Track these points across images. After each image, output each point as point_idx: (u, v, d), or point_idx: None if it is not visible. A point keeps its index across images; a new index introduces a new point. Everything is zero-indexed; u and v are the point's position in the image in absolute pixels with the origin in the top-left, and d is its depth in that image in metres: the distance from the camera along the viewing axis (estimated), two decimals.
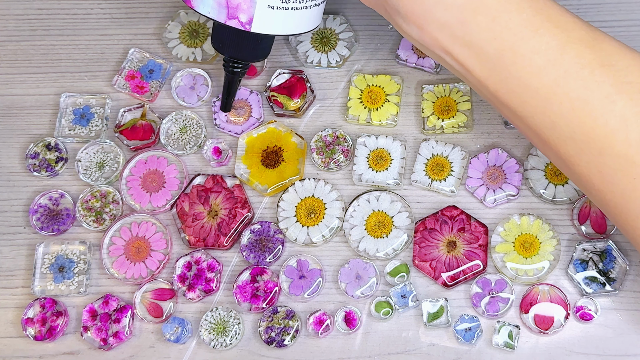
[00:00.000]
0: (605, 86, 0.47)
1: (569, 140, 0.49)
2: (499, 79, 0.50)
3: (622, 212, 0.49)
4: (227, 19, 0.55)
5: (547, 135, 0.50)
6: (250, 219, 0.64)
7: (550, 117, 0.49)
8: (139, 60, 0.69)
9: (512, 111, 0.51)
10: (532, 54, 0.48)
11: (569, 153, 0.49)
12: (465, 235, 0.61)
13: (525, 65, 0.49)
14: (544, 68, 0.48)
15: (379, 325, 0.61)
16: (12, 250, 0.65)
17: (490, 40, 0.49)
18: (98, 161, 0.66)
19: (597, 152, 0.48)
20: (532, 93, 0.49)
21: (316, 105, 0.67)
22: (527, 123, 0.51)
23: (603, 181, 0.48)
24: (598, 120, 0.47)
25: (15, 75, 0.70)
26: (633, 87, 0.47)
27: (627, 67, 0.47)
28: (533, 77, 0.49)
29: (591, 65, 0.47)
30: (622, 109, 0.46)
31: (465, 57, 0.51)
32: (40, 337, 0.61)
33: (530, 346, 0.59)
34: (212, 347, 0.60)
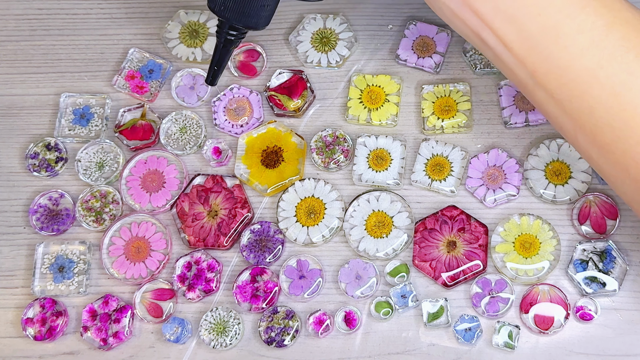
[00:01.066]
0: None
1: (607, 128, 0.47)
2: (539, 58, 0.48)
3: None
4: None
5: (583, 121, 0.48)
6: (250, 219, 0.64)
7: (589, 101, 0.47)
8: (139, 60, 0.69)
9: (548, 94, 0.49)
10: (576, 33, 0.46)
11: (605, 141, 0.47)
12: (465, 235, 0.61)
13: (568, 44, 0.46)
14: (587, 49, 0.46)
15: (379, 325, 0.61)
16: (12, 250, 0.65)
17: (534, 16, 0.47)
18: (98, 161, 0.66)
19: (635, 141, 0.46)
20: (572, 75, 0.47)
21: (316, 105, 0.67)
22: (563, 107, 0.49)
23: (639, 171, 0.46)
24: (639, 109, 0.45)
25: (15, 75, 0.70)
26: None
27: None
28: (575, 58, 0.46)
29: (636, 49, 0.46)
30: None
31: (506, 32, 0.48)
32: (40, 337, 0.61)
33: (530, 346, 0.59)
34: (212, 347, 0.60)
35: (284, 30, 0.70)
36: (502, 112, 0.65)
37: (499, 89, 0.65)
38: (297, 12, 0.70)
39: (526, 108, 0.64)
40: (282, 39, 0.70)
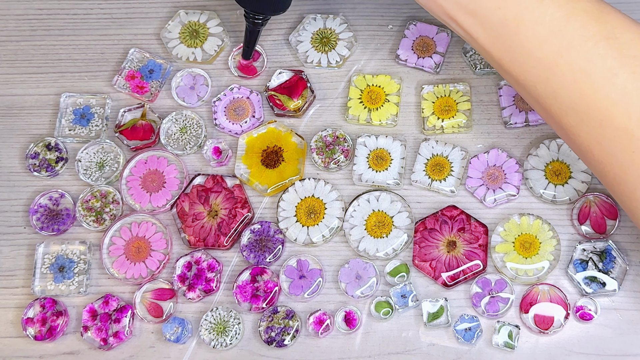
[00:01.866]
0: (608, 59, 0.47)
1: (570, 111, 0.49)
2: (503, 47, 0.50)
3: (620, 183, 0.49)
4: None
5: (549, 104, 0.50)
6: (250, 219, 0.64)
7: (553, 87, 0.49)
8: (139, 60, 0.69)
9: (515, 79, 0.51)
10: (535, 24, 0.48)
11: (569, 123, 0.50)
12: (465, 235, 0.61)
13: (529, 35, 0.49)
14: (547, 39, 0.48)
15: (379, 325, 0.61)
16: (12, 250, 0.65)
17: (494, 9, 0.50)
18: (98, 161, 0.66)
19: (597, 124, 0.48)
20: (534, 63, 0.49)
21: (316, 105, 0.67)
22: (529, 92, 0.51)
23: (602, 153, 0.49)
24: (599, 93, 0.47)
25: (15, 75, 0.70)
26: (636, 60, 0.47)
27: (631, 41, 0.47)
28: (536, 47, 0.49)
29: (595, 37, 0.47)
30: (624, 82, 0.47)
31: (470, 24, 0.51)
32: (41, 337, 0.61)
33: (530, 346, 0.59)
34: (212, 347, 0.60)
35: (284, 30, 0.70)
36: (502, 112, 0.65)
37: (499, 89, 0.65)
38: (297, 12, 0.70)
39: (526, 108, 0.64)
40: (282, 39, 0.70)
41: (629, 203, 0.49)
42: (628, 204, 0.50)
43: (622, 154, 0.47)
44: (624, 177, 0.48)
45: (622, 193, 0.50)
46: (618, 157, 0.48)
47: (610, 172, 0.49)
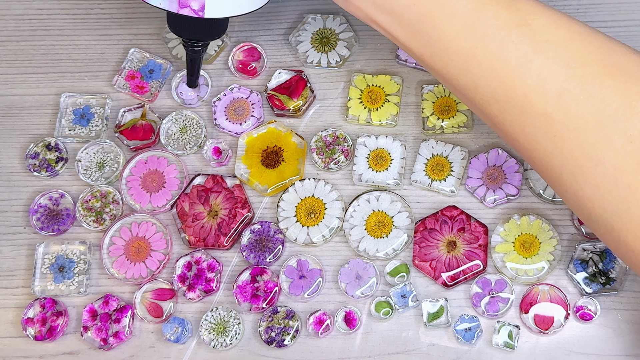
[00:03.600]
0: (522, 46, 0.48)
1: (492, 100, 0.49)
2: (422, 43, 0.51)
3: (547, 168, 0.49)
4: (179, 8, 0.55)
5: (472, 96, 0.51)
6: (250, 219, 0.64)
7: (472, 78, 0.50)
8: (139, 60, 0.69)
9: (438, 73, 0.52)
10: (449, 17, 0.49)
11: (493, 113, 0.50)
12: (465, 235, 0.61)
13: (445, 29, 0.49)
14: (462, 31, 0.49)
15: (379, 325, 0.61)
16: (12, 250, 0.65)
17: (409, 7, 0.50)
18: (98, 161, 0.66)
19: (518, 111, 0.48)
20: (453, 56, 0.50)
21: (316, 105, 0.67)
22: (453, 84, 0.52)
23: (527, 139, 0.49)
24: (516, 80, 0.48)
25: (15, 75, 0.70)
26: (549, 45, 0.47)
27: (543, 26, 0.48)
28: (452, 40, 0.49)
29: (507, 25, 0.48)
30: (539, 68, 0.47)
31: (388, 23, 0.52)
32: (41, 337, 0.61)
33: (530, 346, 0.59)
34: (212, 347, 0.60)
35: (284, 30, 0.70)
36: None
37: None
38: (297, 12, 0.70)
39: None
40: (282, 39, 0.70)
41: (558, 187, 0.50)
42: (558, 188, 0.50)
43: (545, 139, 0.48)
44: (549, 161, 0.49)
45: (550, 178, 0.50)
46: (541, 142, 0.48)
47: (537, 158, 0.49)
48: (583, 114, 0.46)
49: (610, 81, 0.46)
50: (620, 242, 0.47)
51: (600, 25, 0.67)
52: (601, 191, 0.46)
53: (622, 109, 0.45)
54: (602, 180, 0.46)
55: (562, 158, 0.47)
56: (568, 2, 0.68)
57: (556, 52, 0.47)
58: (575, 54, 0.47)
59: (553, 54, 0.47)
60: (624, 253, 0.48)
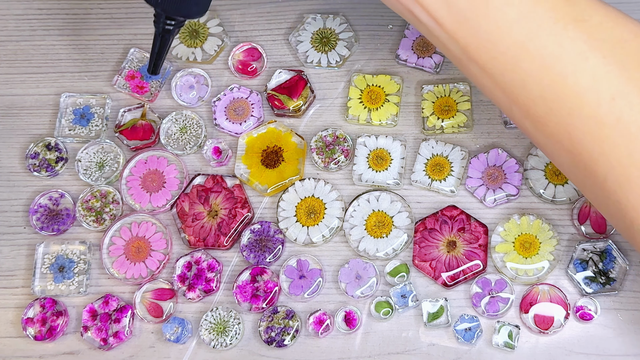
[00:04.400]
0: (579, 42, 0.45)
1: (539, 100, 0.47)
2: (470, 32, 0.48)
3: (590, 174, 0.47)
4: None
5: (516, 94, 0.48)
6: (250, 219, 0.64)
7: (521, 74, 0.47)
8: (139, 60, 0.69)
9: (481, 68, 0.49)
10: (504, 5, 0.46)
11: (538, 113, 0.48)
12: (465, 235, 0.61)
13: (498, 18, 0.47)
14: (516, 21, 0.46)
15: (379, 325, 0.61)
16: (12, 250, 0.65)
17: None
18: (98, 161, 0.66)
19: (567, 112, 0.46)
20: (503, 49, 0.47)
21: (316, 105, 0.67)
22: (495, 81, 0.49)
23: (572, 143, 0.47)
24: (569, 79, 0.45)
25: (15, 75, 0.70)
26: (606, 44, 0.45)
27: (601, 23, 0.46)
28: (505, 31, 0.47)
29: (565, 19, 0.46)
30: (594, 68, 0.45)
31: (436, 8, 0.49)
32: (40, 337, 0.61)
33: (530, 346, 0.59)
34: (212, 347, 0.60)
35: (284, 30, 0.70)
36: (502, 112, 0.65)
37: None
38: (297, 12, 0.70)
39: None
40: (282, 39, 0.70)
41: (600, 193, 0.47)
42: (599, 194, 0.48)
43: (592, 143, 0.46)
44: (593, 167, 0.46)
45: (592, 184, 0.48)
46: (587, 147, 0.46)
47: (581, 162, 0.47)
48: (636, 119, 0.44)
49: None
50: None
51: None
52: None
53: None
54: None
55: (608, 165, 0.45)
56: None
57: (612, 52, 0.45)
58: (632, 55, 0.45)
59: (609, 54, 0.45)
60: None
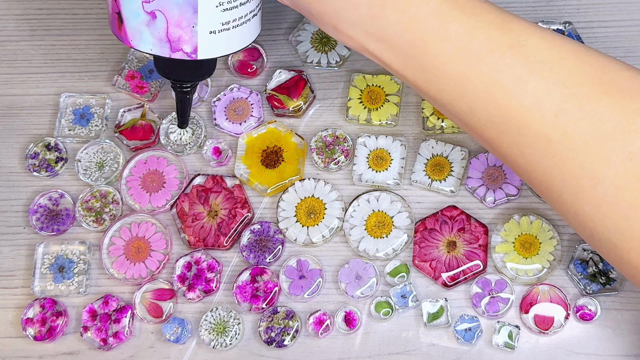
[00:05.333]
0: (517, 67, 0.47)
1: (489, 123, 0.49)
2: (415, 69, 0.51)
3: (547, 188, 0.49)
4: (171, 52, 0.54)
5: (468, 120, 0.50)
6: (250, 219, 0.64)
7: (468, 102, 0.49)
8: (139, 60, 0.69)
9: (433, 99, 0.52)
10: (441, 42, 0.49)
11: (490, 136, 0.50)
12: (465, 235, 0.61)
13: (437, 54, 0.49)
14: (455, 55, 0.48)
15: (379, 326, 0.61)
16: (12, 251, 0.65)
17: (401, 33, 0.50)
18: (98, 161, 0.66)
19: (515, 133, 0.48)
20: (447, 80, 0.49)
21: (316, 105, 0.67)
22: (448, 109, 0.51)
23: (525, 160, 0.49)
24: (512, 102, 0.47)
25: (15, 75, 0.70)
26: (543, 65, 0.47)
27: (536, 47, 0.48)
28: (446, 65, 0.49)
29: (501, 48, 0.48)
30: (535, 89, 0.47)
31: (381, 51, 0.52)
32: (40, 337, 0.61)
33: (530, 346, 0.59)
34: (212, 347, 0.60)
35: (284, 30, 0.70)
36: None
37: None
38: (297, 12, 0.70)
39: None
40: (282, 39, 0.69)
41: (559, 207, 0.49)
42: (559, 208, 0.49)
43: (544, 160, 0.47)
44: (549, 182, 0.48)
45: (550, 198, 0.49)
46: (540, 163, 0.48)
47: (537, 178, 0.49)
48: (581, 133, 0.46)
49: (607, 99, 0.45)
50: (623, 260, 0.47)
51: (600, 25, 0.67)
52: (602, 210, 0.46)
53: (620, 126, 0.45)
54: (603, 199, 0.45)
55: (562, 178, 0.47)
56: (568, 2, 0.68)
57: (551, 72, 0.47)
58: (570, 73, 0.47)
59: (548, 74, 0.47)
60: (627, 271, 0.47)
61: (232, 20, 0.54)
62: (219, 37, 0.54)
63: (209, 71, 0.58)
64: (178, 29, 0.53)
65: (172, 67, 0.57)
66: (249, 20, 0.56)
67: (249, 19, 0.56)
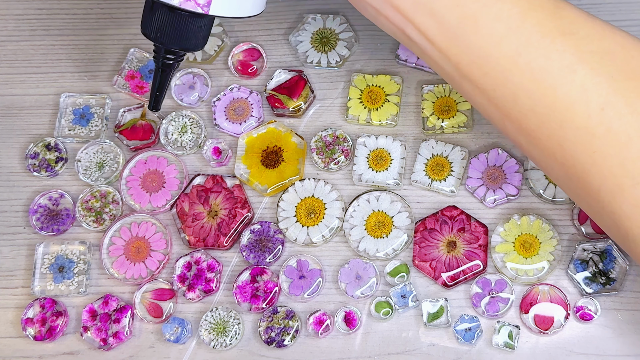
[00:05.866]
0: (567, 55, 0.46)
1: (531, 114, 0.47)
2: (461, 49, 0.49)
3: (584, 185, 0.47)
4: (182, 0, 0.50)
5: (508, 109, 0.49)
6: (250, 219, 0.64)
7: (512, 89, 0.48)
8: (139, 60, 0.69)
9: (473, 84, 0.50)
10: (493, 21, 0.47)
11: (530, 127, 0.48)
12: (465, 236, 0.61)
13: (487, 34, 0.47)
14: (505, 37, 0.47)
15: (379, 326, 0.61)
16: (12, 251, 0.65)
17: (452, 8, 0.48)
18: (98, 161, 0.66)
19: (557, 125, 0.47)
20: (493, 64, 0.48)
21: (316, 105, 0.67)
22: (488, 96, 0.49)
23: (564, 155, 0.47)
24: (559, 91, 0.46)
25: (15, 75, 0.70)
26: (594, 56, 0.46)
27: (588, 36, 0.46)
28: (494, 46, 0.47)
29: (552, 33, 0.46)
30: (583, 79, 0.45)
31: (427, 26, 0.49)
32: (40, 337, 0.61)
33: (530, 346, 0.59)
34: (212, 347, 0.60)
35: (284, 30, 0.70)
36: None
37: None
38: (297, 12, 0.70)
39: None
40: (282, 39, 0.69)
41: (595, 204, 0.48)
42: (594, 205, 0.48)
43: (584, 155, 0.46)
44: (586, 178, 0.47)
45: (585, 195, 0.48)
46: (580, 158, 0.46)
47: (574, 175, 0.48)
48: (626, 129, 0.44)
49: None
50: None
51: None
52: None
53: None
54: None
55: (601, 175, 0.46)
56: None
57: (600, 63, 0.45)
58: (619, 66, 0.45)
59: (597, 65, 0.45)
60: None
61: None
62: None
63: (203, 41, 0.54)
64: None
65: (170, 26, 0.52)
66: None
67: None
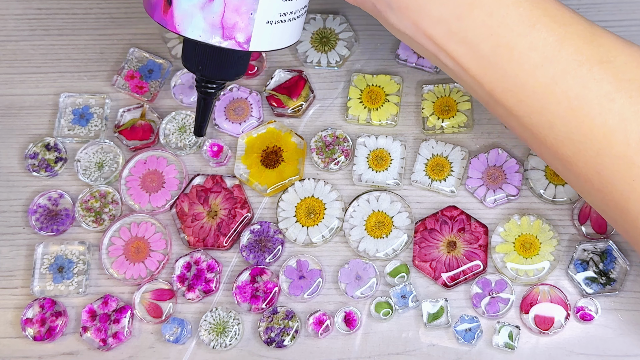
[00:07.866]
0: (604, 84, 0.46)
1: (567, 141, 0.47)
2: (495, 77, 0.48)
3: (622, 212, 0.48)
4: (222, 40, 0.50)
5: (544, 135, 0.49)
6: (249, 219, 0.64)
7: (548, 116, 0.48)
8: (139, 60, 0.69)
9: (508, 111, 0.50)
10: (528, 50, 0.47)
11: (566, 154, 0.48)
12: (465, 236, 0.61)
13: (522, 62, 0.47)
14: (541, 65, 0.47)
15: (378, 326, 0.61)
16: (12, 251, 0.65)
17: (486, 37, 0.48)
18: (97, 161, 0.66)
19: (595, 152, 0.47)
20: (528, 92, 0.48)
21: (316, 105, 0.67)
22: (523, 123, 0.49)
23: (602, 182, 0.47)
24: (596, 120, 0.46)
25: (14, 75, 0.70)
26: (632, 84, 0.46)
27: (626, 64, 0.46)
28: (530, 75, 0.47)
29: (589, 62, 0.46)
30: (621, 108, 0.45)
31: (461, 54, 0.49)
32: (40, 337, 0.61)
33: (530, 347, 0.59)
34: (211, 348, 0.60)
35: None
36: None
37: None
38: None
39: None
40: None
41: (632, 231, 0.48)
42: (631, 233, 0.48)
43: (622, 183, 0.46)
44: (625, 205, 0.47)
45: (624, 221, 0.48)
46: (618, 186, 0.46)
47: (612, 201, 0.48)
48: None
49: None
50: None
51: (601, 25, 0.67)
52: None
53: None
54: None
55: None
56: (568, 2, 0.68)
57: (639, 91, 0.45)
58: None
59: (636, 94, 0.45)
60: None
61: (289, 12, 0.51)
62: (274, 28, 0.51)
63: (243, 69, 0.54)
64: (235, 14, 0.49)
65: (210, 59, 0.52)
66: (302, 15, 0.53)
67: (302, 14, 0.53)
